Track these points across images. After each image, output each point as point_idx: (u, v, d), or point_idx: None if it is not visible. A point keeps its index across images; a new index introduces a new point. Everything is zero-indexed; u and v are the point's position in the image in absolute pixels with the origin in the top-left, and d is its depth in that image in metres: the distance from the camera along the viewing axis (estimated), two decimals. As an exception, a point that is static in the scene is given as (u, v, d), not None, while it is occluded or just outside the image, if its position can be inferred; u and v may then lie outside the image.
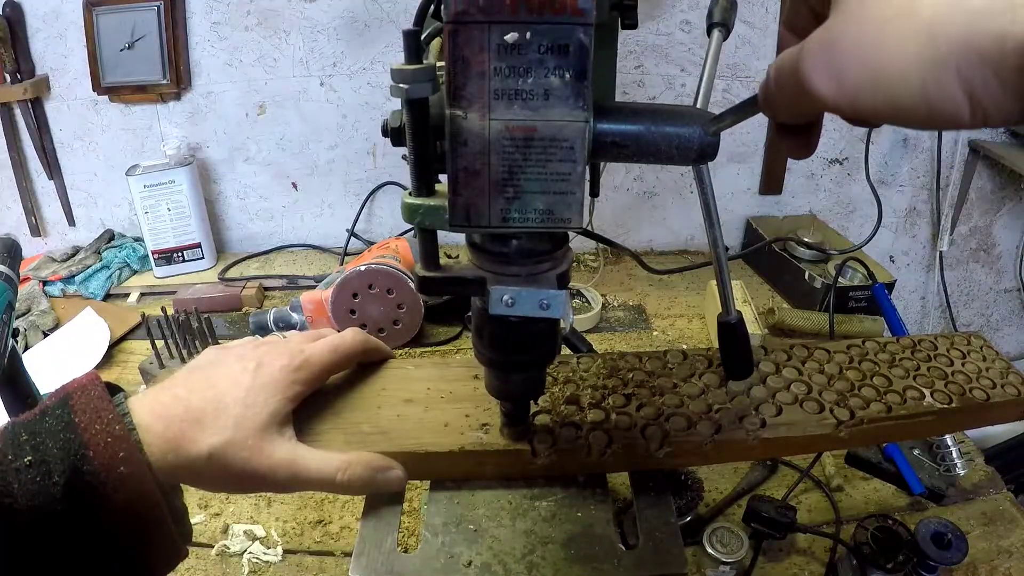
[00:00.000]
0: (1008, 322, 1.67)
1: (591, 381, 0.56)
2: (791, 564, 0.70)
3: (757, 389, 0.54)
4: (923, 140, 1.43)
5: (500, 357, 0.47)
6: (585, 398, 0.54)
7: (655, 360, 0.59)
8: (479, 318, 0.46)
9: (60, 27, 1.27)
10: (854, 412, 0.51)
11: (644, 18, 1.28)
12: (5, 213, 1.44)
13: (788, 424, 0.51)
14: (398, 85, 0.36)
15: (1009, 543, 0.72)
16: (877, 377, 0.55)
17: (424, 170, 0.40)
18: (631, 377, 0.56)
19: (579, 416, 0.52)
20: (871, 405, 0.52)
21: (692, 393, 0.54)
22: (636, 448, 0.50)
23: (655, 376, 0.56)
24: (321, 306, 1.06)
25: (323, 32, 1.27)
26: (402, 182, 1.40)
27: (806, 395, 0.54)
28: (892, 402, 0.53)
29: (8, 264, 0.73)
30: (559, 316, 0.40)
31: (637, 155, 0.39)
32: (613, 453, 0.49)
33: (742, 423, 0.51)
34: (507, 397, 0.50)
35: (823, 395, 0.54)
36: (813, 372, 0.56)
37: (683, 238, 1.47)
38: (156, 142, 1.34)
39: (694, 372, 0.57)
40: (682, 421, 0.51)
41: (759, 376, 0.55)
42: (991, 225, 1.54)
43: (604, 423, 0.51)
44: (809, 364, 0.57)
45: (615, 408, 0.53)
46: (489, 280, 0.41)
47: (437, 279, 0.43)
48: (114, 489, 0.38)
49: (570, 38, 0.34)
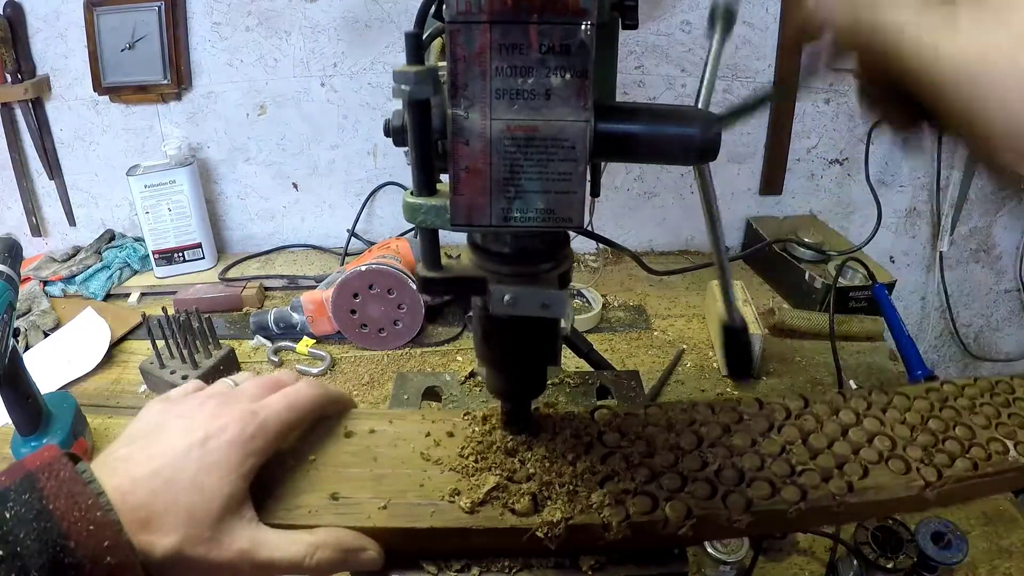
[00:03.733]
0: (1008, 322, 1.67)
1: (662, 438, 0.50)
2: (791, 564, 0.70)
3: (840, 444, 0.50)
4: (923, 140, 1.43)
5: (501, 357, 0.47)
6: (659, 461, 0.48)
7: (729, 412, 0.53)
8: (480, 318, 0.46)
9: (61, 27, 1.27)
10: (941, 472, 0.48)
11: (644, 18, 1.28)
12: (6, 213, 1.44)
13: (875, 488, 0.47)
14: (400, 87, 0.36)
15: (1009, 543, 0.72)
16: (960, 427, 0.52)
17: (425, 170, 0.40)
18: (704, 432, 0.51)
19: (653, 484, 0.46)
20: (956, 462, 0.49)
21: (772, 452, 0.49)
22: (718, 519, 0.45)
23: (730, 432, 0.51)
24: (322, 306, 1.06)
25: (324, 32, 1.27)
26: (403, 182, 1.40)
27: (890, 451, 0.50)
28: (977, 457, 0.50)
29: (9, 264, 0.73)
30: (560, 316, 0.40)
31: (638, 155, 0.39)
32: (693, 526, 0.44)
33: (828, 486, 0.47)
34: (507, 397, 0.50)
35: (907, 451, 0.50)
36: (895, 423, 0.53)
37: (683, 238, 1.48)
38: (157, 142, 1.34)
39: (772, 424, 0.52)
40: (766, 487, 0.46)
41: (840, 428, 0.52)
42: (991, 226, 1.54)
43: (681, 491, 0.46)
44: (890, 413, 0.54)
45: (692, 472, 0.47)
46: (490, 280, 0.41)
47: (438, 279, 0.42)
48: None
49: (571, 38, 0.34)
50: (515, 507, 0.44)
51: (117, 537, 0.35)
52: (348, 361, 1.05)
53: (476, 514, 0.44)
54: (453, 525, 0.44)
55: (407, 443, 0.50)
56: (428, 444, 0.50)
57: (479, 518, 0.44)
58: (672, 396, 0.97)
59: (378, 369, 1.03)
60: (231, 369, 1.01)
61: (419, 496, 0.46)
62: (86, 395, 0.98)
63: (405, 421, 0.53)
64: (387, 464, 0.48)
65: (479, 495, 0.45)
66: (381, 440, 0.51)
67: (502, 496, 0.45)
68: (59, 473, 0.36)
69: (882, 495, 0.47)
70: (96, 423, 0.91)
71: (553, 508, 0.44)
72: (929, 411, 0.54)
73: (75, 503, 0.35)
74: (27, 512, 0.34)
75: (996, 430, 0.52)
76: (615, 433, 0.51)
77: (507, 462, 0.48)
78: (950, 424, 0.53)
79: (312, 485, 0.46)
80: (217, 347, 1.01)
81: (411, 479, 0.47)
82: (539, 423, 0.52)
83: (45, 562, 0.33)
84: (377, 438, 0.51)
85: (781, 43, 1.29)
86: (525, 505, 0.44)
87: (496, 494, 0.45)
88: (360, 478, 0.47)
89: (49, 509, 0.35)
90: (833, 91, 1.37)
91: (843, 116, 1.39)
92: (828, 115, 1.39)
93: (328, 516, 0.44)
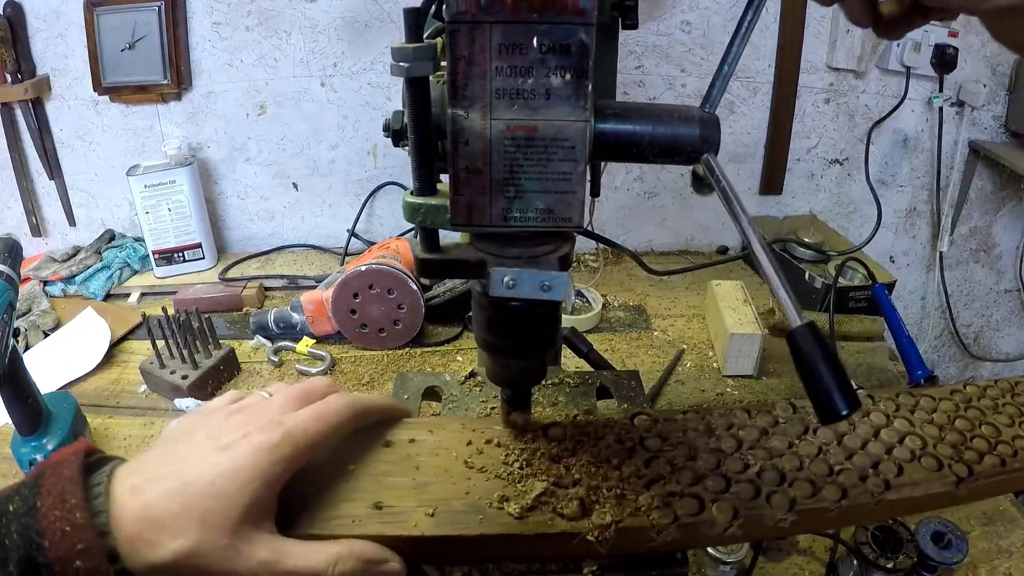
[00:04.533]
0: (1008, 322, 1.67)
1: (702, 442, 0.51)
2: (791, 564, 0.70)
3: (873, 444, 0.52)
4: (923, 141, 1.43)
5: (500, 342, 0.46)
6: (702, 464, 0.49)
7: (765, 415, 0.54)
8: (479, 302, 0.45)
9: (61, 27, 1.27)
10: (971, 468, 0.50)
11: (644, 18, 1.28)
12: (6, 213, 1.44)
13: (911, 484, 0.49)
14: (399, 64, 0.36)
15: (1009, 543, 0.72)
16: (985, 426, 0.54)
17: (425, 155, 0.39)
18: (743, 436, 0.52)
19: (699, 486, 0.47)
20: (984, 459, 0.51)
21: (810, 453, 0.51)
22: (763, 519, 0.45)
23: (768, 435, 0.53)
24: (322, 306, 1.06)
25: (324, 32, 1.27)
26: (402, 182, 1.40)
27: (922, 450, 0.52)
28: (1004, 454, 0.51)
29: (9, 264, 0.73)
30: (560, 298, 0.40)
31: (638, 155, 0.39)
32: (740, 525, 0.45)
33: (866, 484, 0.48)
34: (508, 383, 0.50)
35: (938, 449, 0.52)
36: (924, 423, 0.54)
37: (683, 238, 1.48)
38: (157, 142, 1.34)
39: (807, 427, 0.53)
40: (807, 487, 0.48)
41: (872, 429, 0.53)
42: (991, 225, 1.54)
43: (726, 492, 0.47)
44: (918, 414, 0.55)
45: (734, 474, 0.48)
46: (490, 262, 0.41)
47: (437, 261, 0.42)
48: None
49: (571, 38, 0.34)
50: (564, 512, 0.44)
51: (93, 541, 0.34)
52: (348, 361, 1.05)
53: (525, 520, 0.44)
54: (503, 531, 0.43)
55: (448, 451, 0.50)
56: (471, 452, 0.50)
57: (528, 524, 0.44)
58: (672, 396, 0.97)
59: (378, 369, 1.03)
60: (231, 369, 1.01)
61: (465, 503, 0.45)
62: (86, 395, 0.98)
63: (445, 430, 0.52)
64: (430, 473, 0.48)
65: (527, 500, 0.45)
66: (422, 449, 0.50)
67: (551, 501, 0.45)
68: (63, 471, 0.36)
69: (916, 492, 0.48)
70: (96, 423, 0.91)
71: (602, 511, 0.44)
72: (955, 411, 0.56)
73: (61, 502, 0.34)
74: (22, 506, 0.34)
75: (1020, 428, 0.54)
76: (656, 438, 0.51)
77: (553, 468, 0.48)
78: (976, 423, 0.54)
79: (353, 495, 0.45)
80: (217, 347, 1.01)
81: (456, 487, 0.46)
82: (582, 429, 0.52)
83: (22, 557, 0.33)
84: (417, 447, 0.50)
85: (781, 43, 1.29)
86: (574, 510, 0.44)
87: (544, 499, 0.45)
88: (403, 487, 0.46)
89: (37, 506, 0.34)
90: (833, 91, 1.37)
91: (843, 116, 1.39)
92: (828, 115, 1.39)
93: (373, 525, 0.43)
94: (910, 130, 1.42)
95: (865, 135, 1.39)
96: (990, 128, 1.42)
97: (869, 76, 1.36)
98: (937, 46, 1.30)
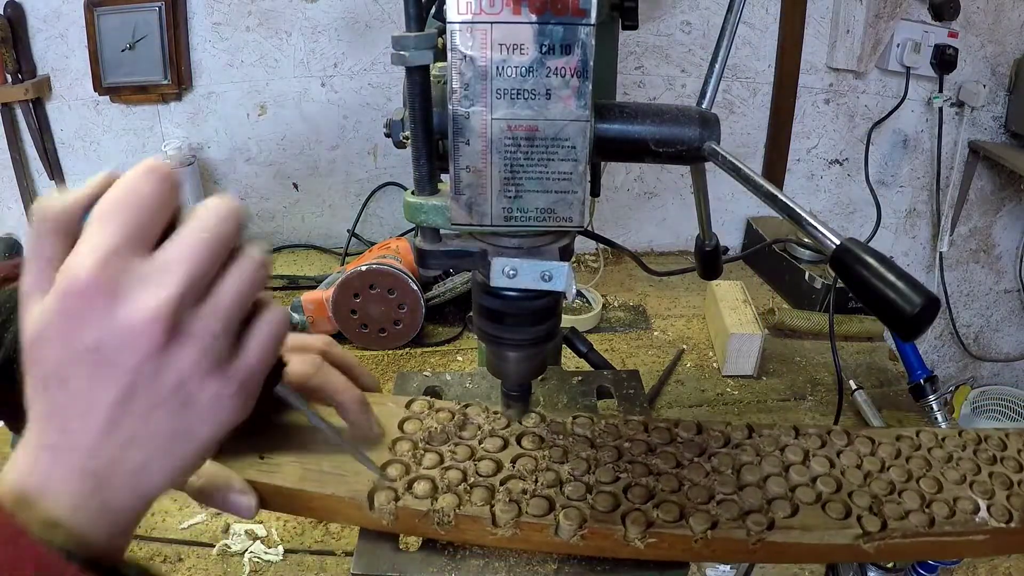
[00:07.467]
0: (1008, 322, 1.67)
1: (581, 449, 0.49)
2: (791, 564, 0.70)
3: (775, 480, 0.47)
4: (923, 141, 1.44)
5: (500, 335, 0.46)
6: (567, 468, 0.47)
7: (661, 431, 0.51)
8: (479, 294, 0.45)
9: (61, 27, 1.27)
10: (887, 522, 0.44)
11: (644, 19, 1.28)
12: (6, 213, 1.44)
13: (801, 528, 0.43)
14: (399, 52, 0.36)
15: (1009, 543, 0.72)
16: (925, 480, 0.47)
17: (425, 145, 0.39)
18: (627, 448, 0.49)
19: (555, 489, 0.46)
20: (910, 516, 0.44)
21: (694, 478, 0.47)
22: (613, 534, 0.43)
23: (656, 451, 0.50)
24: (322, 306, 1.06)
25: (324, 32, 1.27)
26: (403, 182, 1.40)
27: (832, 494, 0.46)
28: (937, 514, 0.44)
29: (10, 264, 0.73)
30: (561, 289, 0.40)
31: (639, 154, 0.39)
32: (584, 536, 0.43)
33: (745, 521, 0.44)
34: (506, 377, 0.50)
35: (853, 497, 0.46)
36: (849, 467, 0.48)
37: (683, 238, 1.48)
38: (157, 142, 1.34)
39: (705, 450, 0.49)
40: (674, 510, 0.44)
41: (782, 464, 0.48)
42: (991, 226, 1.54)
43: (582, 499, 0.45)
44: (845, 456, 0.49)
45: (599, 484, 0.46)
46: (490, 252, 0.41)
47: (437, 252, 0.42)
48: None
49: (572, 38, 0.34)
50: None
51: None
52: (348, 361, 1.06)
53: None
54: (348, 495, 0.44)
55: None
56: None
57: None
58: (672, 396, 0.98)
59: (378, 369, 1.03)
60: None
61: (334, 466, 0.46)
62: (86, 395, 0.98)
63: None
64: None
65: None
66: None
67: None
68: None
69: (807, 537, 0.43)
70: (96, 423, 0.91)
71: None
72: (893, 458, 0.50)
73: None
74: None
75: (971, 488, 0.47)
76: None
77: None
78: (915, 475, 0.48)
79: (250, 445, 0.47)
80: (217, 347, 1.01)
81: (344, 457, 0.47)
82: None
83: None
84: None
85: (781, 43, 1.30)
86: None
87: None
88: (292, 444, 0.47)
89: None
90: (833, 91, 1.37)
91: (843, 116, 1.39)
92: (828, 115, 1.39)
93: (250, 472, 0.45)
94: (910, 130, 1.42)
95: (865, 135, 1.39)
96: (990, 128, 1.42)
97: (869, 76, 1.36)
98: (937, 47, 1.30)
